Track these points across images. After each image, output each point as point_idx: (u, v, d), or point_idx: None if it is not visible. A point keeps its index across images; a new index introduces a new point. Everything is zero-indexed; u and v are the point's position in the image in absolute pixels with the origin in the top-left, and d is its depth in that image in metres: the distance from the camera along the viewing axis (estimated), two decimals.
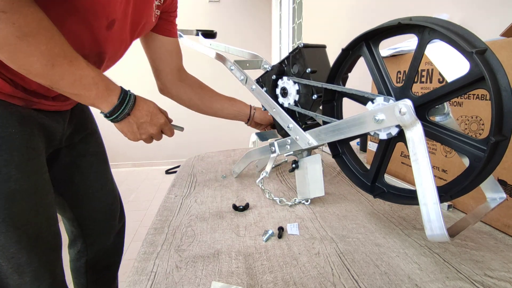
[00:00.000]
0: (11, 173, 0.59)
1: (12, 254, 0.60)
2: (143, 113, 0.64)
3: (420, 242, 0.53)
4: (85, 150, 0.87)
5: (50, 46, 0.50)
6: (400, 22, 0.45)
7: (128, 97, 0.62)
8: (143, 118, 0.65)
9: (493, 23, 0.74)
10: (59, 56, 0.51)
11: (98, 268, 0.97)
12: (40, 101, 0.65)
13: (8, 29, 0.46)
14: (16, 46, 0.48)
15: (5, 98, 0.59)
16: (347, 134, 0.54)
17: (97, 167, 0.90)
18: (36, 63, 0.50)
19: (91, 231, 0.92)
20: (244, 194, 0.77)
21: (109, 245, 0.97)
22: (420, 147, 0.43)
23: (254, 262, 0.48)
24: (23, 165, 0.61)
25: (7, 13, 0.45)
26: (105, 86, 0.58)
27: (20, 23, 0.46)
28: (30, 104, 0.64)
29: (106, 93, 0.59)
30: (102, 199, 0.92)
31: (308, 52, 0.67)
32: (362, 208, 0.68)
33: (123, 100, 0.61)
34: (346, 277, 0.44)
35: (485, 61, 0.38)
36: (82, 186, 0.86)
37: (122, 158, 3.87)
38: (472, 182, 0.43)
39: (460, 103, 0.61)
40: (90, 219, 0.90)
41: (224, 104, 0.96)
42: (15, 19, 0.46)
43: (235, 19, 3.87)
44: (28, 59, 0.49)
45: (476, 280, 0.43)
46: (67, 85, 0.55)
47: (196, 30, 1.05)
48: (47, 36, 0.50)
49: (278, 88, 0.74)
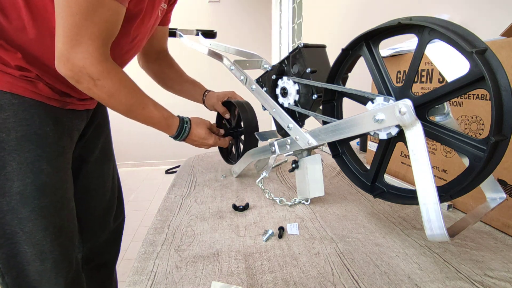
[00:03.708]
0: (43, 167, 0.66)
1: (37, 241, 0.66)
2: (195, 138, 0.84)
3: (420, 242, 0.53)
4: (95, 145, 0.92)
5: (128, 99, 0.68)
6: (400, 22, 0.45)
7: (184, 130, 0.81)
8: (196, 141, 0.85)
9: (493, 23, 0.74)
10: (135, 105, 0.70)
11: (94, 264, 0.99)
12: (72, 101, 0.75)
13: (101, 91, 0.64)
14: (107, 102, 0.67)
15: (44, 100, 0.68)
16: (347, 134, 0.54)
17: (102, 164, 0.94)
18: (120, 110, 0.69)
19: (86, 227, 0.95)
20: (244, 194, 0.77)
21: (102, 242, 0.99)
22: (420, 147, 0.43)
23: (254, 262, 0.48)
24: (53, 161, 0.68)
25: (101, 80, 0.62)
26: (166, 124, 0.77)
27: (109, 86, 0.63)
28: (65, 105, 0.74)
29: (167, 127, 0.78)
30: (101, 197, 0.95)
31: (308, 52, 0.67)
32: (362, 208, 0.68)
33: (179, 132, 0.80)
34: (346, 277, 0.44)
35: (485, 61, 0.38)
36: (84, 181, 0.90)
37: (122, 158, 3.87)
38: (472, 182, 0.43)
39: (460, 103, 0.61)
40: (87, 215, 0.94)
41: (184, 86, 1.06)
42: (105, 84, 0.63)
43: (235, 19, 3.87)
44: (115, 108, 0.68)
45: (476, 280, 0.43)
46: (141, 121, 0.74)
47: (196, 30, 1.06)
48: (126, 91, 0.67)
49: (278, 88, 0.74)
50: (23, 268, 0.67)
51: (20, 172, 0.64)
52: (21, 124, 0.64)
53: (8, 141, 0.63)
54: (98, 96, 0.65)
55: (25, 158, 0.64)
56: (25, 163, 0.64)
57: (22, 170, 0.64)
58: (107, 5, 0.58)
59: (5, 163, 0.63)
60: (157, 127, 0.77)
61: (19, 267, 0.67)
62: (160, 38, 1.00)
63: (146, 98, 0.72)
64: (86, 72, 0.60)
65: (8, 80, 0.63)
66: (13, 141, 0.63)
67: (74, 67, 0.60)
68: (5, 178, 0.63)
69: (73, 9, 0.56)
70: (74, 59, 0.59)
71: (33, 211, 0.65)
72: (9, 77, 0.63)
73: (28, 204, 0.64)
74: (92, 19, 0.57)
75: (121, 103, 0.67)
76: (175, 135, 0.80)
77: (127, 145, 3.81)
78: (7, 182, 0.63)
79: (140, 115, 0.72)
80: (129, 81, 0.69)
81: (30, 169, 0.64)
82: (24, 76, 0.64)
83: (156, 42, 1.00)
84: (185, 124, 0.80)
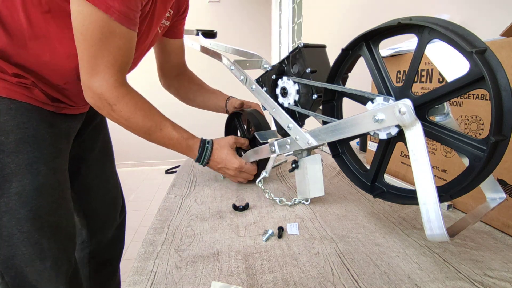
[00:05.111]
0: (40, 168, 0.68)
1: (36, 240, 0.68)
2: (218, 161, 0.78)
3: (420, 242, 0.53)
4: (93, 145, 0.94)
5: (145, 122, 0.69)
6: (400, 22, 0.45)
7: (205, 151, 0.76)
8: (220, 165, 0.78)
9: (493, 23, 0.74)
10: (152, 128, 0.70)
11: (100, 260, 1.03)
12: (65, 106, 0.77)
13: (119, 116, 0.67)
14: (126, 126, 0.69)
15: (40, 105, 0.71)
16: (347, 134, 0.54)
17: (102, 163, 0.96)
18: (139, 133, 0.71)
19: (94, 223, 0.98)
20: (244, 194, 0.77)
21: (109, 237, 1.02)
22: (420, 147, 0.43)
23: (254, 262, 0.48)
24: (50, 162, 0.70)
25: (117, 105, 0.65)
26: (186, 145, 0.75)
27: (125, 110, 0.66)
28: (59, 110, 0.76)
29: (188, 149, 0.76)
30: (106, 193, 0.98)
31: (308, 52, 0.67)
32: (362, 208, 0.68)
33: (201, 154, 0.76)
34: (346, 277, 0.44)
35: (485, 61, 0.38)
36: (88, 178, 0.93)
37: (122, 158, 3.87)
38: (472, 182, 0.43)
39: (460, 103, 0.61)
40: (94, 211, 0.97)
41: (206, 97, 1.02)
42: (121, 108, 0.66)
43: (235, 19, 3.87)
44: (135, 132, 0.70)
45: (476, 280, 0.43)
46: (161, 144, 0.74)
47: (196, 30, 1.06)
48: (142, 114, 0.69)
49: (278, 88, 0.74)
50: (21, 271, 0.68)
51: (18, 173, 0.65)
52: (19, 127, 0.66)
53: (7, 143, 0.64)
54: (117, 121, 0.68)
55: (23, 160, 0.66)
56: (23, 165, 0.66)
57: (21, 172, 0.65)
58: (119, 34, 0.61)
59: (4, 165, 0.64)
60: (178, 149, 0.75)
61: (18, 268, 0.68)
62: (177, 52, 0.99)
63: (164, 120, 0.73)
64: (104, 98, 0.64)
65: (5, 86, 0.66)
66: (11, 144, 0.65)
67: (94, 94, 0.64)
68: (3, 180, 0.64)
69: (89, 42, 0.60)
70: (93, 87, 0.64)
71: (30, 211, 0.66)
72: (7, 83, 0.66)
73: (26, 204, 0.66)
74: (106, 48, 0.61)
75: (139, 126, 0.69)
76: (197, 157, 0.77)
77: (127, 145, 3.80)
78: (5, 183, 0.64)
79: (159, 137, 0.72)
80: (146, 104, 0.70)
81: (28, 170, 0.66)
82: (21, 82, 0.67)
83: (174, 56, 0.99)
84: (207, 144, 0.77)
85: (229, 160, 0.77)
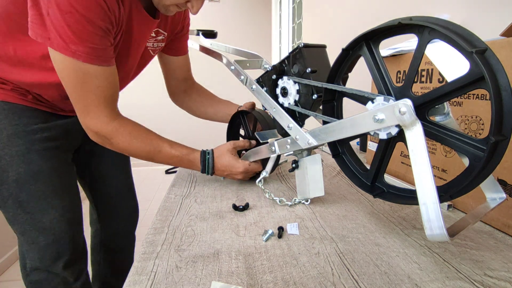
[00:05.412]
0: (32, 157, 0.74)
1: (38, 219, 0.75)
2: (222, 168, 0.79)
3: (420, 242, 0.53)
4: None
5: (143, 147, 0.73)
6: (400, 22, 0.45)
7: (207, 162, 0.79)
8: (225, 172, 0.80)
9: (493, 23, 0.74)
10: (151, 152, 0.74)
11: (111, 249, 1.10)
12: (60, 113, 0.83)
13: (119, 147, 0.72)
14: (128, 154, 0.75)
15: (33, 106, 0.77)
16: (347, 134, 0.54)
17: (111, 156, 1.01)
18: (142, 158, 0.75)
19: (104, 214, 1.05)
20: (244, 194, 0.77)
21: (119, 229, 1.08)
22: (420, 147, 0.43)
23: (254, 262, 0.48)
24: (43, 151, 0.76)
25: (114, 138, 0.70)
26: (187, 161, 0.78)
27: (121, 141, 0.71)
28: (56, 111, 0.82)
29: (190, 164, 0.79)
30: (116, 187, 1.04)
31: (308, 52, 0.67)
32: (362, 208, 0.68)
33: (204, 166, 0.79)
34: (346, 277, 0.44)
35: (485, 60, 0.38)
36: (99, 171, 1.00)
37: None
38: (472, 182, 0.43)
39: (460, 103, 0.61)
40: (104, 203, 1.04)
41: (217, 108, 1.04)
42: (118, 140, 0.71)
43: (235, 19, 3.87)
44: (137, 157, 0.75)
45: (476, 280, 0.43)
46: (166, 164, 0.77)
47: (196, 30, 1.06)
48: (139, 141, 0.73)
49: (278, 88, 0.73)
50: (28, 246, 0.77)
51: (13, 163, 0.73)
52: (11, 124, 0.73)
53: (1, 139, 0.72)
54: (120, 151, 0.74)
55: (16, 151, 0.73)
56: (16, 156, 0.73)
57: (15, 162, 0.73)
58: (93, 73, 0.64)
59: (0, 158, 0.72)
60: (182, 165, 0.79)
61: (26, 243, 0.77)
62: (182, 67, 1.00)
63: (161, 142, 0.75)
64: (101, 134, 0.70)
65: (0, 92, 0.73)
66: (4, 139, 0.72)
67: (92, 132, 0.70)
68: (1, 170, 0.73)
69: (70, 86, 0.65)
70: (89, 126, 0.69)
71: (31, 195, 0.74)
72: (2, 90, 0.74)
73: (24, 189, 0.74)
74: (87, 89, 0.65)
75: (138, 153, 0.74)
76: (201, 169, 0.78)
77: None
78: (3, 173, 0.73)
79: (161, 158, 0.76)
80: (141, 131, 0.74)
81: (22, 160, 0.73)
82: (15, 89, 0.75)
83: (179, 72, 1.00)
84: (207, 155, 0.79)
85: (232, 166, 0.78)
